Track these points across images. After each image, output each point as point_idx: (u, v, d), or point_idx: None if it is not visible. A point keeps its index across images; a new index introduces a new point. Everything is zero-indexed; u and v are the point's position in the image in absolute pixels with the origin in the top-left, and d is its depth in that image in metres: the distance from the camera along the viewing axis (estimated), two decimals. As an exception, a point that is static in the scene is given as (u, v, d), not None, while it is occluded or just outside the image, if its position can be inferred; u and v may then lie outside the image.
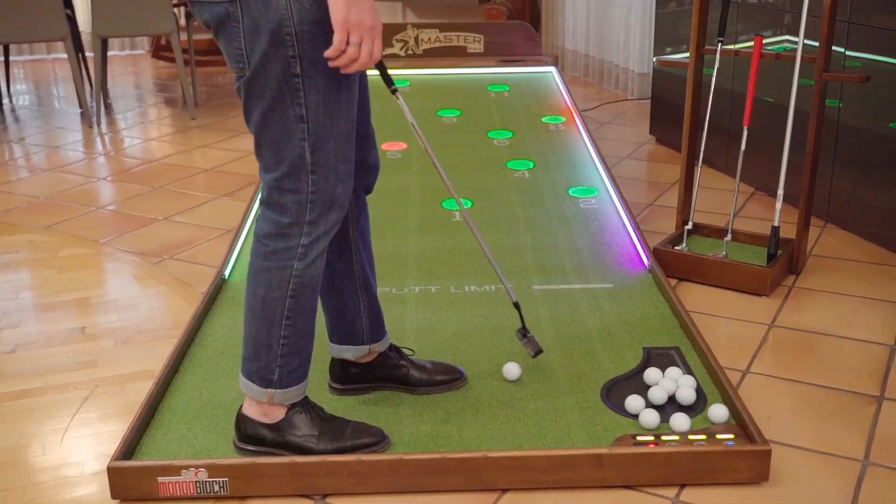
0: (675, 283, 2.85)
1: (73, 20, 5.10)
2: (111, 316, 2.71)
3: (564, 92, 4.39)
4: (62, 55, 6.59)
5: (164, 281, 2.93)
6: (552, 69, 4.75)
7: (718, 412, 2.01)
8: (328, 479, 1.87)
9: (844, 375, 2.32)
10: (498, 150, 3.75)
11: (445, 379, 2.18)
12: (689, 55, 2.97)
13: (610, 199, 3.29)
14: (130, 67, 6.55)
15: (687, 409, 2.07)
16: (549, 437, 1.98)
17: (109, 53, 6.09)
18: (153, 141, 4.64)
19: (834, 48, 2.98)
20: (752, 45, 2.84)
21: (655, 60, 3.68)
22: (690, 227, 3.00)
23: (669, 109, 4.18)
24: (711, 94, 2.94)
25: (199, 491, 1.86)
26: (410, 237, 3.02)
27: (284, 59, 1.68)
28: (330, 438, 1.92)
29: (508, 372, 2.22)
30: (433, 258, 2.88)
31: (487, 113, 4.17)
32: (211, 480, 1.85)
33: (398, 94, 1.89)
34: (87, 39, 5.97)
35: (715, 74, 2.94)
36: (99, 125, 4.92)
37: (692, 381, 2.15)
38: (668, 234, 3.11)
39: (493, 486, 1.88)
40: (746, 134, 2.87)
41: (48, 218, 3.54)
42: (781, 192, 2.82)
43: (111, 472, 1.86)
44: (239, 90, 1.76)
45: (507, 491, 1.89)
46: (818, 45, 2.73)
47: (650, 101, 4.48)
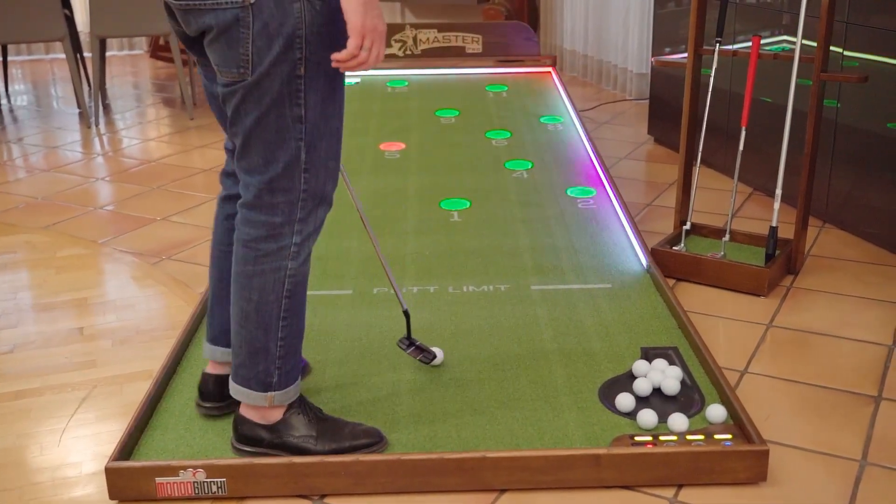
0: (673, 283, 2.85)
1: (71, 20, 5.09)
2: (109, 316, 2.71)
3: (563, 92, 4.39)
4: (60, 55, 6.58)
5: (162, 281, 2.93)
6: (550, 69, 4.76)
7: (716, 412, 2.01)
8: (326, 479, 1.87)
9: (842, 375, 2.32)
10: (496, 150, 3.75)
11: None
12: (687, 55, 2.98)
13: (608, 199, 3.30)
14: (129, 68, 6.54)
15: (685, 409, 2.07)
16: (547, 437, 1.98)
17: (108, 54, 6.08)
18: (151, 141, 4.64)
19: (832, 48, 2.98)
20: (750, 45, 2.85)
21: (654, 61, 3.69)
22: (688, 227, 3.00)
23: (668, 110, 4.18)
24: (710, 94, 2.94)
25: (197, 491, 1.86)
26: (408, 237, 3.02)
27: (292, 61, 1.68)
28: (328, 439, 1.92)
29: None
30: (431, 258, 2.88)
31: (486, 113, 4.17)
32: (209, 481, 1.86)
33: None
34: (85, 40, 5.97)
35: (713, 75, 2.94)
36: (97, 125, 4.92)
37: (678, 371, 2.17)
38: (666, 234, 3.11)
39: (491, 486, 1.88)
40: (744, 134, 2.87)
41: (46, 218, 3.54)
42: (779, 192, 2.83)
43: (109, 472, 1.86)
44: (232, 94, 1.72)
45: (505, 491, 1.89)
46: (816, 45, 2.74)
47: (648, 101, 4.48)
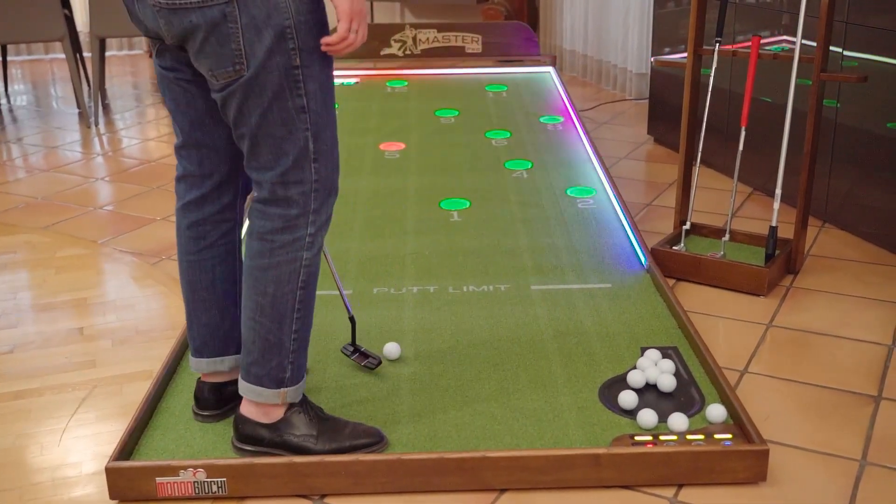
0: (673, 283, 2.85)
1: (70, 20, 5.09)
2: (109, 316, 2.71)
3: (562, 92, 4.39)
4: (60, 55, 6.58)
5: (162, 281, 2.93)
6: (550, 69, 4.76)
7: (716, 412, 2.01)
8: (326, 479, 1.87)
9: (842, 375, 2.32)
10: (496, 150, 3.75)
11: None
12: (686, 55, 2.98)
13: (608, 199, 3.30)
14: (128, 67, 6.54)
15: (685, 408, 2.07)
16: (547, 437, 1.99)
17: (107, 53, 6.07)
18: (151, 141, 4.64)
19: (831, 48, 2.98)
20: (749, 45, 2.85)
21: (653, 60, 3.68)
22: (688, 227, 3.00)
23: (667, 109, 4.18)
24: (709, 94, 2.94)
25: (197, 491, 1.86)
26: (408, 237, 3.02)
27: (286, 52, 1.68)
28: (328, 438, 1.92)
29: (389, 352, 2.28)
30: (431, 258, 2.88)
31: (486, 113, 4.17)
32: (209, 481, 1.86)
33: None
34: (85, 40, 5.97)
35: (713, 74, 2.94)
36: (97, 125, 4.91)
37: (671, 365, 2.19)
38: (666, 234, 3.11)
39: (491, 486, 1.88)
40: (744, 134, 2.87)
41: (46, 218, 3.54)
42: (779, 191, 2.83)
43: (109, 472, 1.86)
44: (231, 95, 1.71)
45: (505, 491, 1.89)
46: (816, 45, 2.74)
47: (648, 101, 4.48)
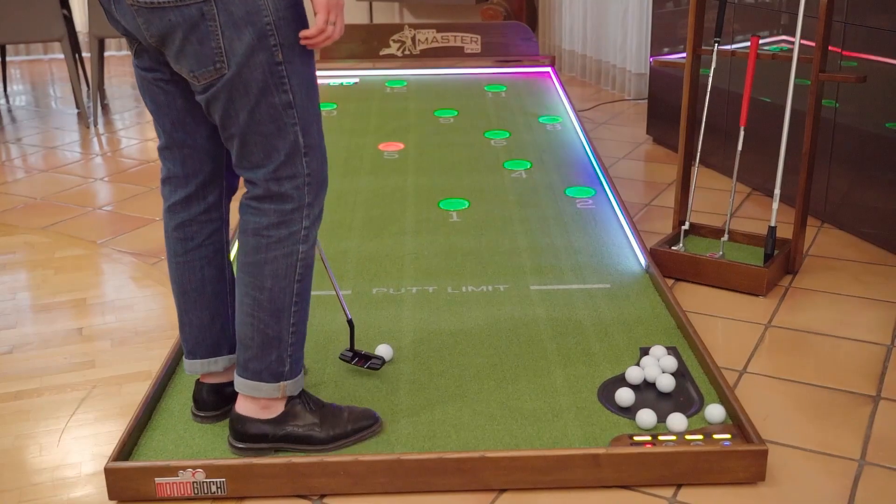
0: (672, 283, 2.85)
1: (69, 20, 5.09)
2: (108, 317, 2.71)
3: (561, 92, 4.40)
4: (59, 55, 6.58)
5: (160, 282, 2.93)
6: (549, 69, 4.76)
7: (715, 412, 2.01)
8: (325, 479, 1.87)
9: (841, 375, 2.32)
10: (495, 150, 3.75)
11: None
12: (685, 55, 2.98)
13: (607, 199, 3.30)
14: (127, 68, 6.53)
15: (684, 408, 2.07)
16: (546, 437, 1.99)
17: (106, 54, 6.07)
18: (150, 141, 4.63)
19: (830, 48, 2.98)
20: (748, 45, 2.85)
21: (652, 61, 3.68)
22: (687, 227, 3.00)
23: (666, 110, 4.18)
24: (708, 94, 2.94)
25: (196, 492, 1.86)
26: (407, 237, 3.02)
27: (268, 48, 1.68)
28: (331, 425, 1.93)
29: (381, 354, 2.28)
30: (430, 258, 2.88)
31: (485, 113, 4.17)
32: (208, 481, 1.86)
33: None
34: (84, 40, 5.97)
35: (711, 75, 2.94)
36: (96, 126, 4.91)
37: (673, 362, 2.20)
38: (665, 234, 3.11)
39: (490, 486, 1.88)
40: (743, 134, 2.87)
41: (45, 219, 3.54)
42: (778, 192, 2.83)
43: (108, 472, 1.86)
44: (216, 96, 1.71)
45: (504, 491, 1.89)
46: (815, 45, 2.74)
47: (647, 101, 4.48)
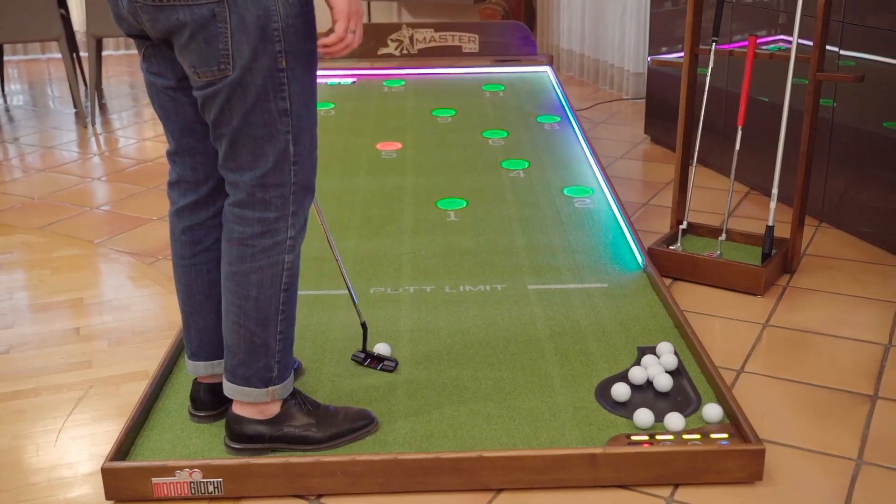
0: (669, 282, 2.85)
1: (67, 20, 5.08)
2: (105, 317, 2.70)
3: (559, 91, 4.40)
4: (57, 55, 6.57)
5: (158, 281, 2.93)
6: (547, 69, 4.76)
7: (713, 412, 2.01)
8: (322, 479, 1.86)
9: (839, 375, 2.32)
10: (493, 149, 3.75)
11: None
12: (683, 55, 2.98)
13: (605, 198, 3.30)
14: (125, 67, 6.53)
15: (681, 408, 2.07)
16: (543, 436, 1.98)
17: (104, 53, 6.08)
18: (148, 141, 4.63)
19: (828, 48, 2.98)
20: (746, 44, 2.85)
21: (650, 60, 3.68)
22: (685, 226, 3.00)
23: (664, 109, 4.18)
24: (706, 93, 2.94)
25: (193, 492, 1.86)
26: (405, 237, 3.02)
27: (272, 54, 1.68)
28: (327, 425, 1.93)
29: (380, 351, 2.31)
30: (428, 258, 2.88)
31: (482, 113, 4.17)
32: (205, 481, 1.85)
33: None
34: (81, 39, 5.96)
35: (709, 74, 2.94)
36: (94, 125, 4.91)
37: (673, 360, 2.21)
38: (662, 233, 3.11)
39: (487, 486, 1.88)
40: (741, 133, 2.87)
41: (42, 218, 3.53)
42: (776, 191, 2.83)
43: (105, 472, 1.86)
44: (214, 95, 1.70)
45: (501, 491, 1.89)
46: (812, 44, 2.74)
47: (645, 100, 4.48)
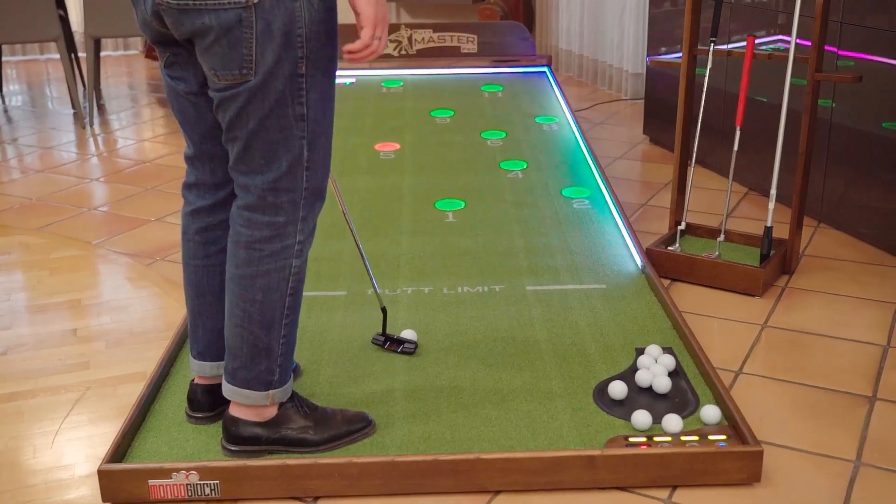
0: (668, 283, 2.85)
1: (65, 20, 5.08)
2: (103, 318, 2.70)
3: (558, 92, 4.39)
4: (55, 56, 6.57)
5: (156, 282, 2.92)
6: (546, 69, 4.76)
7: (711, 413, 2.01)
8: (320, 481, 1.86)
9: (837, 376, 2.32)
10: (491, 150, 3.74)
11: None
12: (682, 55, 2.97)
13: (603, 199, 3.29)
14: (124, 68, 6.53)
15: (679, 409, 2.06)
16: (541, 438, 1.98)
17: (102, 54, 6.07)
18: (146, 142, 4.63)
19: (827, 48, 2.98)
20: (744, 45, 2.84)
21: (649, 60, 3.68)
22: (683, 227, 3.00)
23: (663, 109, 4.17)
24: (704, 94, 2.94)
25: (190, 494, 1.85)
26: (403, 238, 3.01)
27: (294, 60, 1.68)
28: (324, 427, 1.93)
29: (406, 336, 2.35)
30: (426, 259, 2.87)
31: (481, 113, 4.17)
32: (202, 483, 1.85)
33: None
34: (79, 40, 5.96)
35: (707, 74, 2.94)
36: (92, 126, 4.91)
37: (671, 360, 2.20)
38: (661, 234, 3.11)
39: (485, 487, 1.88)
40: (739, 134, 2.87)
41: (40, 219, 3.53)
42: (774, 192, 2.82)
43: (102, 474, 1.85)
44: (232, 98, 1.70)
45: (499, 493, 1.88)
46: (811, 45, 2.74)
47: (644, 101, 4.48)
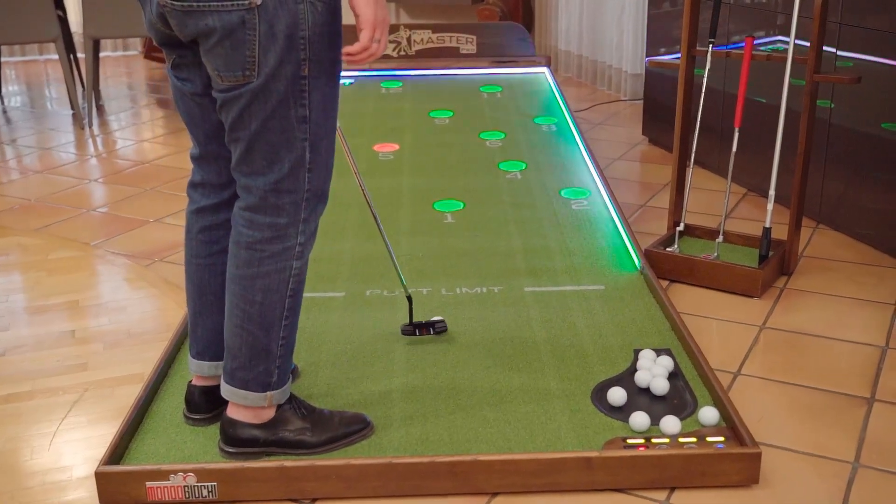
0: (666, 284, 2.84)
1: (64, 21, 5.08)
2: (101, 319, 2.70)
3: (557, 93, 4.39)
4: (54, 56, 6.57)
5: (154, 284, 2.92)
6: (545, 70, 4.75)
7: (709, 415, 2.01)
8: (317, 483, 1.86)
9: (835, 377, 2.32)
10: (490, 151, 3.74)
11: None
12: (680, 56, 2.97)
13: (602, 200, 3.29)
14: (123, 68, 6.53)
15: (677, 411, 2.06)
16: (539, 440, 1.98)
17: (101, 54, 6.06)
18: (145, 142, 4.63)
19: (825, 49, 2.98)
20: (743, 45, 2.84)
21: (648, 61, 3.68)
22: (682, 228, 2.99)
23: (662, 110, 4.17)
24: (703, 94, 2.94)
25: (187, 496, 1.85)
26: (402, 238, 3.01)
27: (296, 62, 1.68)
28: (322, 429, 1.93)
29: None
30: (424, 260, 2.87)
31: (480, 114, 4.16)
32: (199, 485, 1.85)
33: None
34: (78, 40, 5.95)
35: (706, 75, 2.94)
36: (91, 127, 4.90)
37: (669, 362, 2.20)
38: (659, 235, 3.11)
39: (483, 489, 1.88)
40: (738, 135, 2.87)
41: (39, 220, 3.53)
42: (773, 192, 2.82)
43: (99, 476, 1.85)
44: (235, 99, 1.70)
45: (497, 494, 1.88)
46: (809, 46, 2.74)
47: (643, 101, 4.48)
